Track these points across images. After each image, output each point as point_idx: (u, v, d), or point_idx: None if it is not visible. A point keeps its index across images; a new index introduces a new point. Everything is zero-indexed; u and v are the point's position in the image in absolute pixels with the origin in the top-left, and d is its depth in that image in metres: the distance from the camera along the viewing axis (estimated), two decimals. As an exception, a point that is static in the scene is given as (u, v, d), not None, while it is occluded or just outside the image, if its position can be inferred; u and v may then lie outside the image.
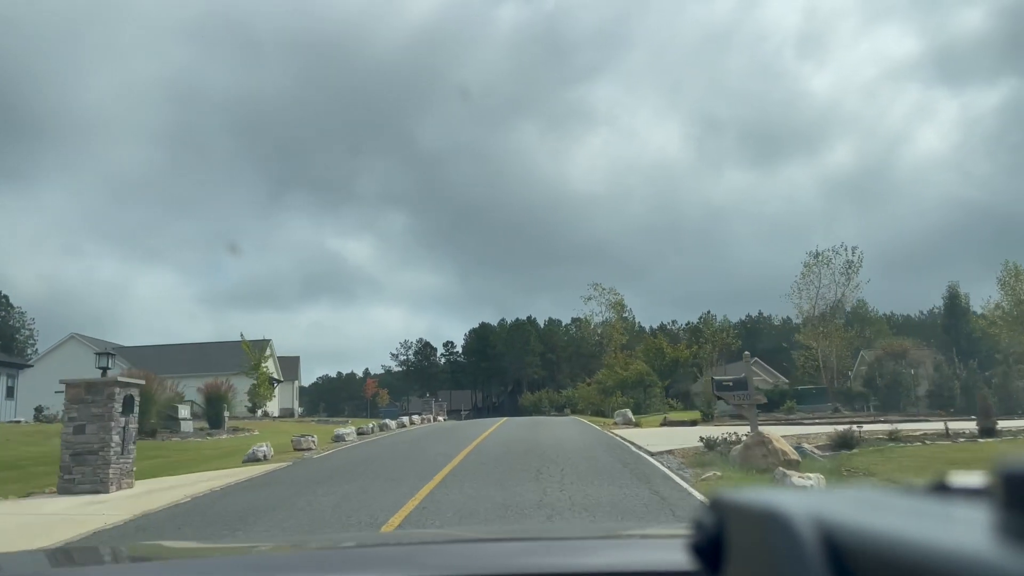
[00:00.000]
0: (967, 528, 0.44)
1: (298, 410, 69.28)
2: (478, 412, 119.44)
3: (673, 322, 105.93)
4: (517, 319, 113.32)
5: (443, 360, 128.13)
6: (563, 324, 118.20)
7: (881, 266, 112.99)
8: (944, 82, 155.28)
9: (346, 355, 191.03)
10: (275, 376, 58.59)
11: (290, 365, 69.88)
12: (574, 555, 1.68)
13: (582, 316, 79.90)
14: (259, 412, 51.80)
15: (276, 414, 57.42)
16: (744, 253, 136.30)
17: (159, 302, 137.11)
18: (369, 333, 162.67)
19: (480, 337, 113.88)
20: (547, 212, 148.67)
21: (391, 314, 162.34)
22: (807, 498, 0.56)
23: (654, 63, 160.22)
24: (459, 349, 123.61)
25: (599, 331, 75.08)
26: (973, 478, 0.54)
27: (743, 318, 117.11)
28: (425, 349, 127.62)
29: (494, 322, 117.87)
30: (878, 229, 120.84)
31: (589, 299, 75.88)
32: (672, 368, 55.27)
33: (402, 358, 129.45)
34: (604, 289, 72.77)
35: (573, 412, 76.03)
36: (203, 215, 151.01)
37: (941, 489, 0.55)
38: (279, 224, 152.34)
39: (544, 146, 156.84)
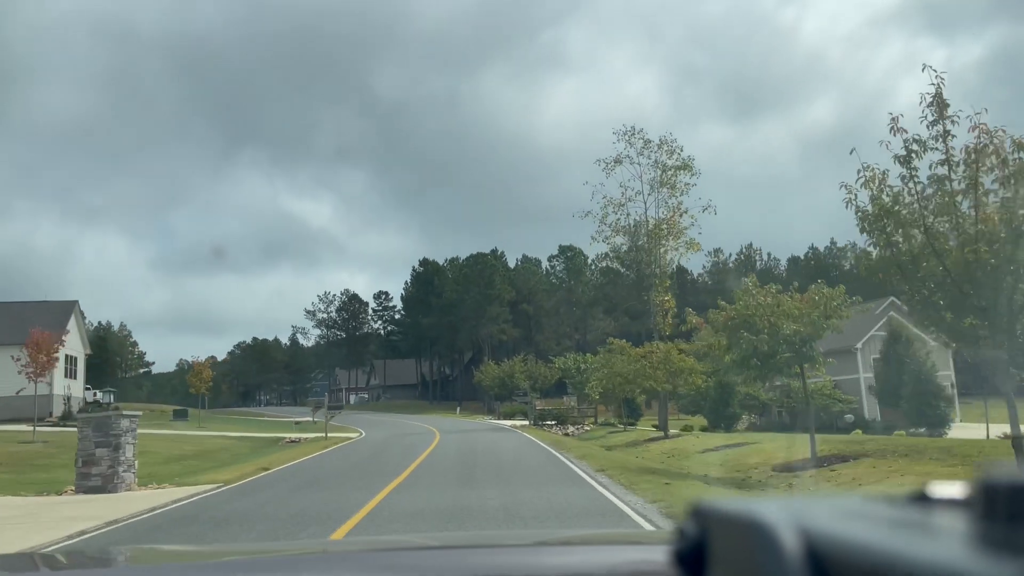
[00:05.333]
0: (947, 538, 0.44)
1: (85, 399, 38.66)
2: (424, 390, 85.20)
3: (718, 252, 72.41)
4: (478, 253, 75.89)
5: (377, 320, 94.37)
6: (543, 263, 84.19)
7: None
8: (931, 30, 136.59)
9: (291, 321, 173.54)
10: None
11: (54, 313, 36.97)
12: (536, 557, 1.58)
13: (580, 244, 40.89)
14: None
15: None
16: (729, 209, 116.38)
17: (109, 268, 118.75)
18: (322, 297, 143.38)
19: (423, 282, 78.54)
20: (520, 166, 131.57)
21: (355, 279, 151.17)
22: (790, 507, 0.56)
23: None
24: (396, 304, 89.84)
25: (641, 238, 33.37)
26: (953, 488, 0.54)
27: (794, 255, 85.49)
28: (352, 304, 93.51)
29: (443, 260, 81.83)
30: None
31: (615, 164, 33.83)
32: None
33: (321, 316, 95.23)
34: (647, 141, 33.61)
35: (579, 403, 43.34)
36: (146, 169, 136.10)
37: (922, 499, 0.55)
38: (230, 181, 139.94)
39: (514, 95, 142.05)
